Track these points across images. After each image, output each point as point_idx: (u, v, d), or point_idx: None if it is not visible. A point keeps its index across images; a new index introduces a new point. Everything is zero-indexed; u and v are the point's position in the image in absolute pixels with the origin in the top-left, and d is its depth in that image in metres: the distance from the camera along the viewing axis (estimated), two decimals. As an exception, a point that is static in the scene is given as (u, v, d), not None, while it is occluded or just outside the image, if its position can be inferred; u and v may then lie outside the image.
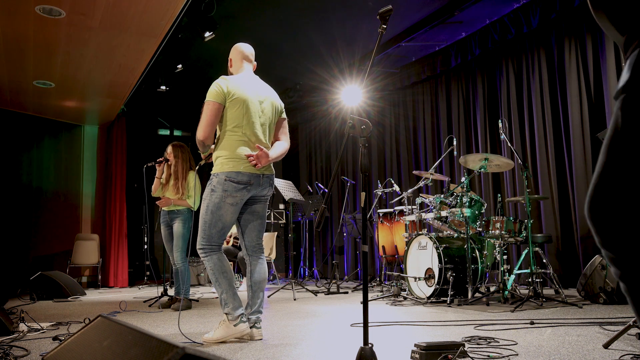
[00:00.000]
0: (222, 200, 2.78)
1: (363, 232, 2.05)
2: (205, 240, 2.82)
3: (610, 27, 0.95)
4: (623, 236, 0.83)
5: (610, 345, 2.30)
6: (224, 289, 2.80)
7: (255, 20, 6.32)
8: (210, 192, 2.82)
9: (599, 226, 0.86)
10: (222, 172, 2.80)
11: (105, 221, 8.13)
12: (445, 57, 6.99)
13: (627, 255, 0.83)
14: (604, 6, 0.94)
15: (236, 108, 2.82)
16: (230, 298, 2.79)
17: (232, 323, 2.76)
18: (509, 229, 4.32)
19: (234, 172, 2.79)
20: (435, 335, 2.84)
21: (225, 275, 2.81)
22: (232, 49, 3.11)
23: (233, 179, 2.78)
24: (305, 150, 10.07)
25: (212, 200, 2.80)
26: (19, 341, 2.89)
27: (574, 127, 5.40)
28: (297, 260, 9.02)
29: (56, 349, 1.76)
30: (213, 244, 2.83)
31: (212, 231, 2.81)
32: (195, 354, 1.11)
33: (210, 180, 2.85)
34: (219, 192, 2.79)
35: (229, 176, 2.78)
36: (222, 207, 2.79)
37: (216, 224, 2.81)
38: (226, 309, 2.78)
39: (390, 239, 5.97)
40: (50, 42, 5.27)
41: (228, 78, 2.88)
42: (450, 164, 6.94)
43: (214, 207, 2.79)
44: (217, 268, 2.81)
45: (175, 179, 4.59)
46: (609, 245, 0.86)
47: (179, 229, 4.53)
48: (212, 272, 2.82)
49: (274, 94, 3.06)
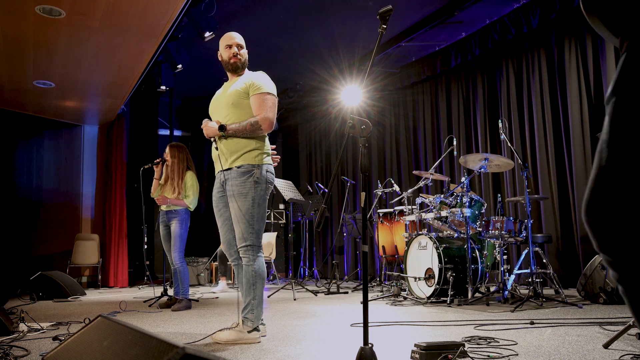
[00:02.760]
0: (266, 193, 2.78)
1: (363, 232, 2.05)
2: (255, 236, 2.73)
3: (604, 30, 0.96)
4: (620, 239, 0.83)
5: (610, 345, 2.30)
6: (257, 295, 2.72)
7: (255, 20, 6.32)
8: (253, 185, 2.72)
9: (596, 230, 0.87)
10: (263, 164, 2.78)
11: (105, 221, 8.13)
12: (445, 57, 6.99)
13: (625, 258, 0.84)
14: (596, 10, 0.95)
15: None
16: (258, 306, 2.73)
17: (247, 329, 2.71)
18: (509, 229, 4.32)
19: (270, 164, 2.84)
20: (435, 335, 2.84)
21: (263, 282, 2.75)
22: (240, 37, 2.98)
23: (272, 171, 2.83)
24: (305, 150, 10.07)
25: (258, 193, 2.73)
26: (19, 341, 2.89)
27: (574, 127, 5.40)
28: (297, 260, 9.02)
29: (56, 349, 1.76)
30: (260, 239, 2.76)
31: (260, 225, 2.75)
32: (195, 354, 1.11)
33: (250, 173, 2.74)
34: (263, 184, 2.75)
35: (269, 169, 2.81)
36: (266, 200, 2.78)
37: (263, 218, 2.77)
38: (249, 315, 2.71)
39: (390, 239, 5.97)
40: (50, 42, 5.26)
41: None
42: (450, 164, 6.94)
43: (260, 199, 2.74)
44: (260, 273, 2.74)
45: (172, 178, 4.60)
46: (606, 249, 0.86)
47: (175, 229, 4.54)
48: (254, 274, 2.72)
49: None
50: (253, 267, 2.73)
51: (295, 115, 9.73)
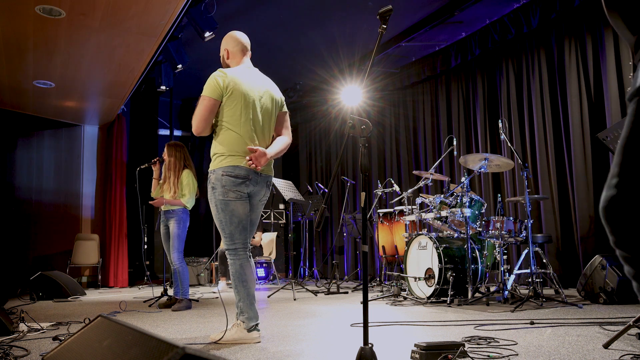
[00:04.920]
0: (225, 196, 2.70)
1: (363, 232, 2.05)
2: (229, 240, 2.75)
3: (623, 27, 0.97)
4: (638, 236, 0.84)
5: (610, 345, 2.30)
6: (241, 297, 2.73)
7: (255, 20, 6.32)
8: (211, 191, 2.74)
9: (614, 226, 0.87)
10: (219, 167, 2.72)
11: (105, 221, 8.13)
12: (445, 57, 6.99)
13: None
14: (618, 7, 0.96)
15: (234, 104, 2.73)
16: (246, 308, 2.73)
17: (246, 330, 2.73)
18: (509, 229, 4.32)
19: (232, 166, 2.70)
20: (435, 335, 2.84)
21: (244, 284, 2.74)
22: (227, 37, 2.96)
23: (230, 173, 2.69)
24: (305, 150, 10.07)
25: (217, 198, 2.72)
26: (19, 341, 2.89)
27: (574, 127, 5.40)
28: (297, 260, 9.02)
29: (56, 349, 1.76)
30: (237, 242, 2.75)
31: (231, 228, 2.74)
32: (195, 354, 1.11)
33: (209, 179, 2.78)
34: (219, 188, 2.71)
35: (226, 171, 2.70)
36: (229, 202, 2.71)
37: (232, 221, 2.73)
38: (241, 317, 2.74)
39: (390, 239, 5.96)
40: (50, 42, 5.26)
41: (226, 71, 2.77)
42: (450, 164, 6.94)
43: (221, 204, 2.72)
44: (238, 276, 2.75)
45: (169, 177, 4.61)
46: (623, 245, 0.86)
47: (173, 229, 4.53)
48: (233, 278, 2.76)
49: (273, 87, 2.96)
50: (231, 271, 2.78)
51: (295, 115, 9.73)
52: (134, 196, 8.25)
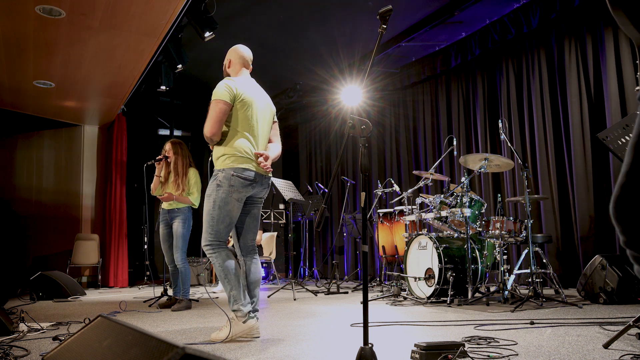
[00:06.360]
0: (229, 196, 2.80)
1: (363, 232, 2.05)
2: (213, 236, 2.82)
3: (628, 24, 0.96)
4: None
5: (610, 345, 2.30)
6: (233, 285, 2.80)
7: (255, 20, 6.32)
8: (215, 188, 2.82)
9: (624, 225, 0.86)
10: (229, 167, 2.82)
11: (105, 221, 8.13)
12: (445, 57, 6.99)
13: None
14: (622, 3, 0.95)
15: (244, 110, 2.87)
16: (239, 295, 2.80)
17: (241, 320, 2.77)
18: (509, 229, 4.32)
19: (241, 167, 2.82)
20: (435, 335, 2.84)
21: (234, 272, 2.82)
22: (231, 50, 3.14)
23: (240, 174, 2.81)
24: (305, 150, 10.07)
25: (219, 196, 2.80)
26: (19, 341, 2.89)
27: (574, 127, 5.40)
28: (297, 260, 9.02)
29: (56, 349, 1.76)
30: (221, 239, 2.84)
31: (220, 227, 2.82)
32: (195, 354, 1.11)
33: (215, 176, 2.86)
34: (226, 187, 2.80)
35: (237, 172, 2.81)
36: (229, 202, 2.81)
37: (224, 220, 2.82)
38: (235, 306, 2.79)
39: (390, 239, 5.97)
40: (50, 42, 5.26)
41: (235, 79, 2.94)
42: (450, 164, 6.94)
43: (222, 202, 2.80)
44: (226, 265, 2.82)
45: (176, 175, 4.56)
46: (633, 245, 0.86)
47: (178, 228, 4.49)
48: (221, 269, 2.82)
49: (269, 98, 3.16)
50: (217, 263, 2.82)
51: (295, 115, 9.73)
52: (137, 195, 8.27)
